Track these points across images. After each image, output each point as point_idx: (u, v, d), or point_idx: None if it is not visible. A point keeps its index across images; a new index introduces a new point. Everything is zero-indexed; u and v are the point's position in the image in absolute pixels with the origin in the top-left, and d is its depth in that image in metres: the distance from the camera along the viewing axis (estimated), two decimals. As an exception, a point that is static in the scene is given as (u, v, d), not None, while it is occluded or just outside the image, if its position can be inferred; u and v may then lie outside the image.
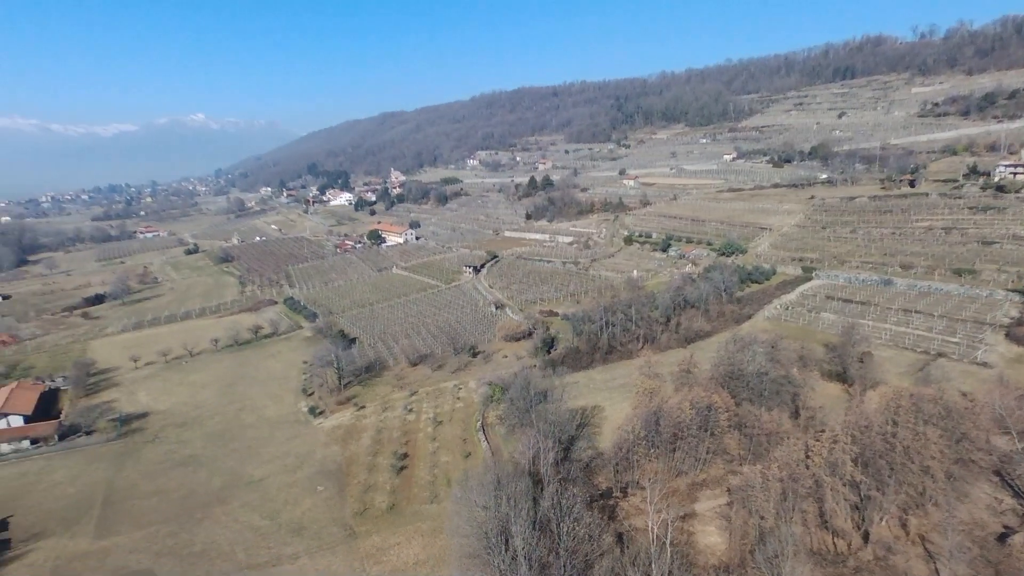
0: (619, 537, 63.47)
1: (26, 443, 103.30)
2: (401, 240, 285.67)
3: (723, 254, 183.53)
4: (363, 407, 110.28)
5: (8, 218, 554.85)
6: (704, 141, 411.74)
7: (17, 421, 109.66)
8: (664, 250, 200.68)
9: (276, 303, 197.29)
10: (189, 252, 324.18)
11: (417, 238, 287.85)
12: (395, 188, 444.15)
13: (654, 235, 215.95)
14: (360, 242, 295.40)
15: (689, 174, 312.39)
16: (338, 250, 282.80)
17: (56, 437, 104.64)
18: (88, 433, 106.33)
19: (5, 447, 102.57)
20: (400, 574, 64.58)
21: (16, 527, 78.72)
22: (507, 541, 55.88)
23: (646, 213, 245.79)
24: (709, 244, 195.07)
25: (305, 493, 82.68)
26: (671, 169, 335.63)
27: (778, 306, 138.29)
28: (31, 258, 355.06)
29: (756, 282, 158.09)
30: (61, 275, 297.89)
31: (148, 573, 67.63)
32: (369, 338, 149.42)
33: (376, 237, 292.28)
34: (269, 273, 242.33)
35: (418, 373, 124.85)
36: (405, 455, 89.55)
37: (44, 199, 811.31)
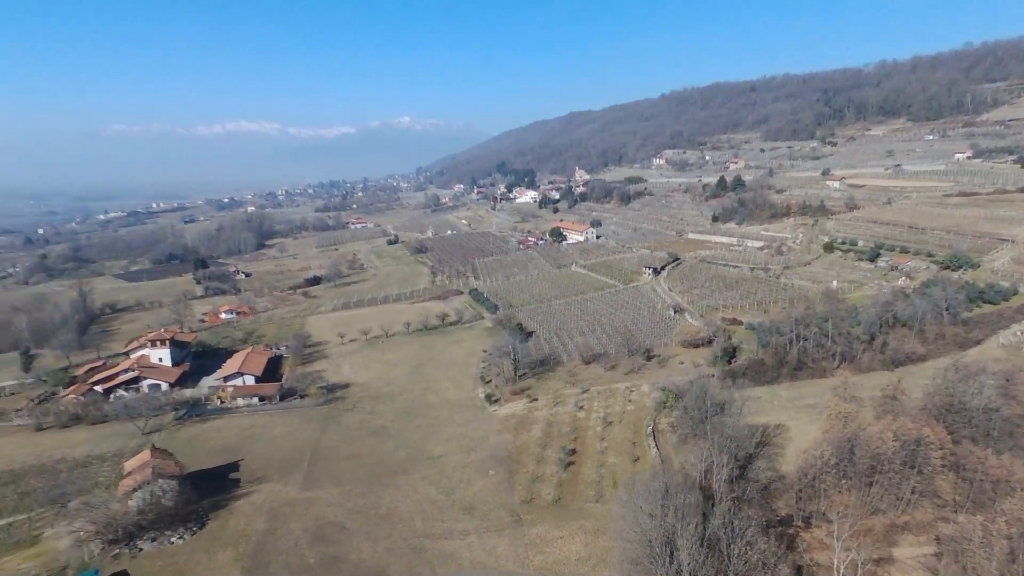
0: (798, 571, 58.33)
1: (255, 400, 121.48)
2: (582, 238, 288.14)
3: (947, 267, 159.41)
4: (535, 399, 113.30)
5: (253, 208, 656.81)
6: (930, 138, 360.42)
7: (250, 380, 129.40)
8: (872, 260, 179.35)
9: (462, 293, 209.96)
10: (390, 243, 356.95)
11: (598, 237, 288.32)
12: (578, 187, 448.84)
13: (860, 243, 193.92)
14: (542, 239, 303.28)
15: (909, 175, 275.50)
16: (521, 246, 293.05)
17: (278, 397, 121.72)
18: (302, 397, 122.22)
19: (240, 401, 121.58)
20: (562, 567, 65.47)
21: (244, 469, 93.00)
22: (672, 553, 54.03)
23: (852, 218, 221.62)
24: (929, 255, 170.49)
25: (477, 475, 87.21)
26: (886, 169, 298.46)
27: (1018, 332, 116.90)
28: (267, 243, 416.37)
29: (990, 302, 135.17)
30: (289, 258, 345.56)
31: (341, 526, 76.03)
32: (545, 333, 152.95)
33: (557, 235, 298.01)
34: (457, 265, 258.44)
35: (591, 371, 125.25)
36: (573, 451, 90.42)
37: (280, 193, 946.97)
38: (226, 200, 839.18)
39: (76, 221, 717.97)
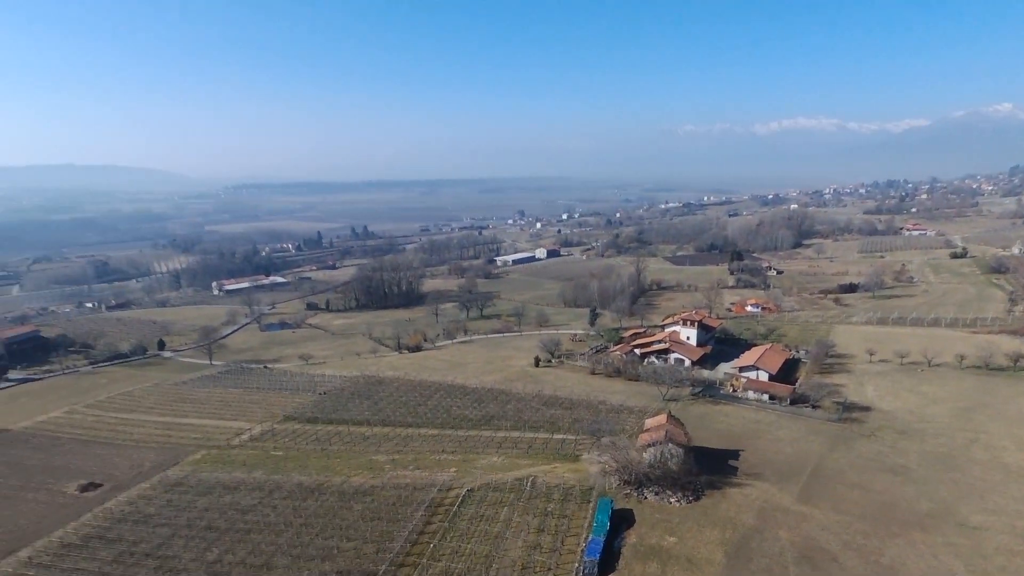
0: None
1: (765, 396, 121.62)
2: None
3: None
4: None
5: (796, 206, 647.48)
6: None
7: (763, 376, 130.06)
8: None
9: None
10: (955, 256, 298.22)
11: None
12: None
13: None
14: None
15: None
16: None
17: (788, 400, 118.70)
18: (814, 407, 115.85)
19: (751, 394, 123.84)
20: None
21: (743, 460, 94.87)
22: None
23: None
24: None
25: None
26: None
27: None
28: (804, 242, 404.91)
29: None
30: (824, 260, 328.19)
31: (832, 556, 69.67)
32: None
33: None
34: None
35: None
36: None
37: (827, 191, 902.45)
38: (770, 196, 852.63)
39: (643, 208, 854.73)
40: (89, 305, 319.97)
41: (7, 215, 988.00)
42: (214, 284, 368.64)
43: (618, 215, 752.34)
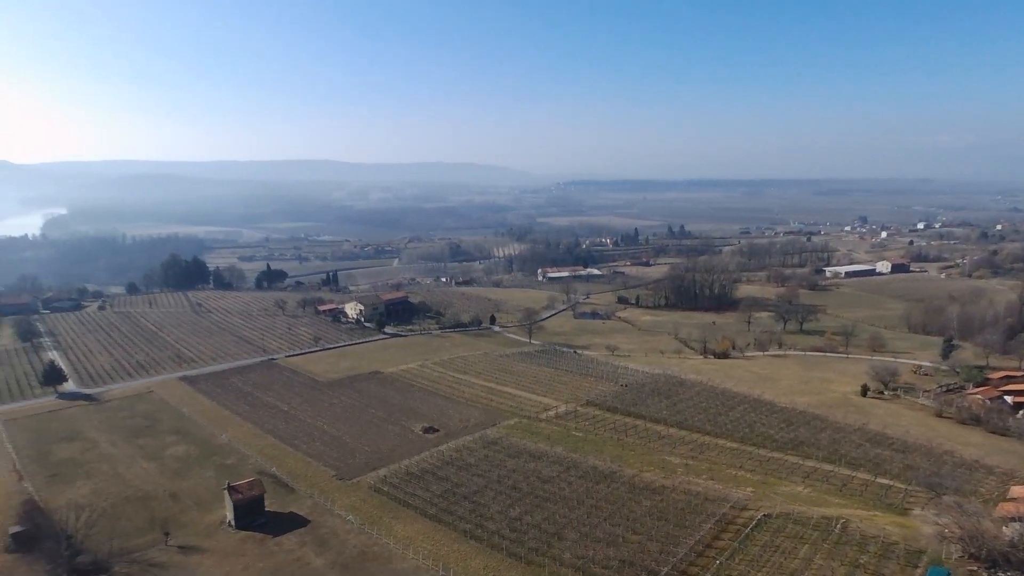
0: None
1: None
2: None
3: None
4: None
5: None
6: None
7: None
8: None
9: None
10: None
11: None
12: None
13: None
14: None
15: None
16: None
17: None
18: None
19: None
20: None
21: None
22: None
23: None
24: None
25: None
26: None
27: None
28: None
29: None
30: None
31: None
32: None
33: None
34: None
35: None
36: None
37: None
38: None
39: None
40: (443, 280, 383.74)
41: (394, 203, 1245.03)
42: (539, 271, 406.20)
43: (999, 227, 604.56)
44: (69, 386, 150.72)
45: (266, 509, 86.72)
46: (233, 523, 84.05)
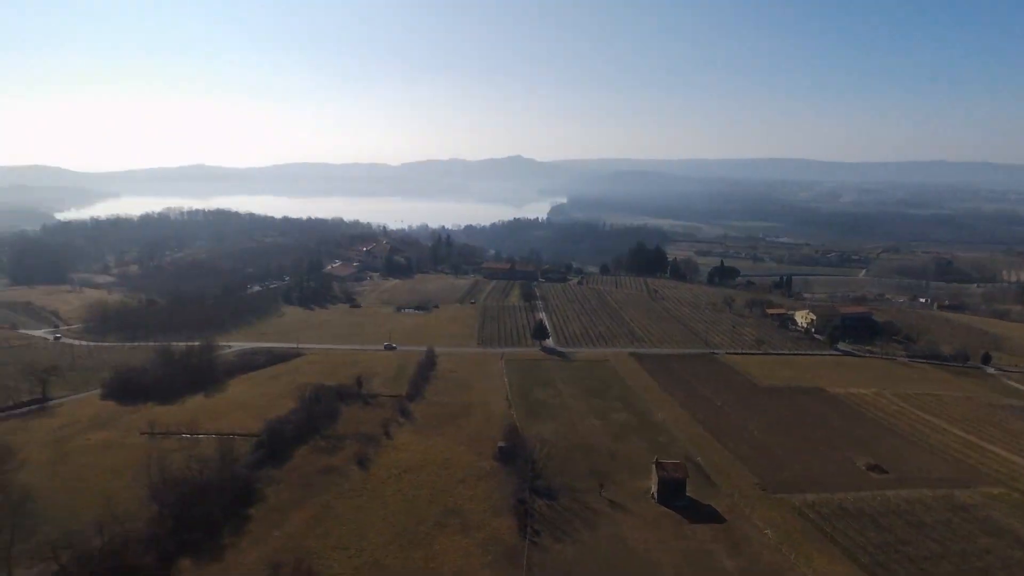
0: None
1: None
2: None
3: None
4: None
5: None
6: None
7: None
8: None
9: None
10: None
11: None
12: None
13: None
14: None
15: None
16: None
17: None
18: None
19: None
20: None
21: None
22: None
23: None
24: None
25: None
26: None
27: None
28: None
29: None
30: None
31: None
32: None
33: None
34: None
35: None
36: None
37: None
38: None
39: None
40: (922, 300, 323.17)
41: (870, 207, 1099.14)
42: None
43: None
44: (549, 343, 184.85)
45: (687, 494, 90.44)
46: (656, 496, 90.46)
